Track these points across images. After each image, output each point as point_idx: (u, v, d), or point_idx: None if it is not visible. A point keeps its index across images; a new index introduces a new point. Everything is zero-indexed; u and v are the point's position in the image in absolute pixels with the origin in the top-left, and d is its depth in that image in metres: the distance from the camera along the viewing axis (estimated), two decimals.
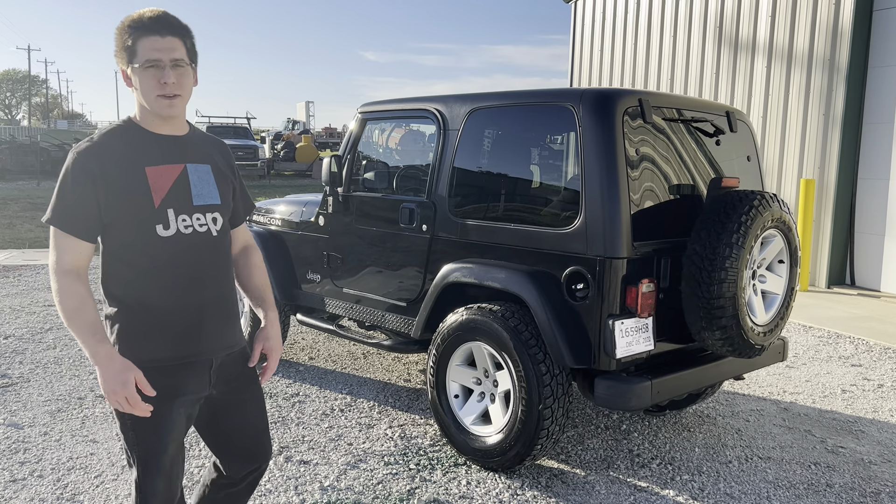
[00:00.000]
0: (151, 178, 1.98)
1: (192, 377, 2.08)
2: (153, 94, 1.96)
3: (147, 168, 1.98)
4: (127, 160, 1.97)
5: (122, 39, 1.97)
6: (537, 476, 3.62)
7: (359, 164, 4.65)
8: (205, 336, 2.08)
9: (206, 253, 2.08)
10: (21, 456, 3.70)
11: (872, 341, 6.33)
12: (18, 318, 6.41)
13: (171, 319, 2.02)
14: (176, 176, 2.03)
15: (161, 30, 1.95)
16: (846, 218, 8.60)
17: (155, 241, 1.98)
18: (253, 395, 2.27)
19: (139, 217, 1.97)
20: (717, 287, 3.25)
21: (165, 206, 1.99)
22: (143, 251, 1.99)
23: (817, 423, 4.48)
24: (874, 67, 8.36)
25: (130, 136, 2.02)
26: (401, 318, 4.26)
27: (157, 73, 1.94)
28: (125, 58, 1.97)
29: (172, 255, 2.01)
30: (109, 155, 1.96)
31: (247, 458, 2.29)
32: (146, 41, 1.94)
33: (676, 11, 10.87)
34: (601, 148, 3.31)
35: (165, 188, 2.00)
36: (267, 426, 2.33)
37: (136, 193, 1.96)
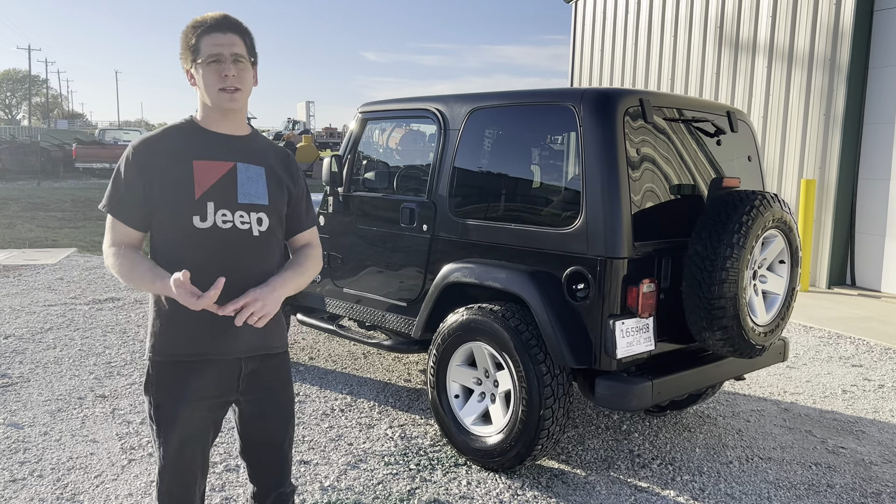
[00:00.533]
0: (197, 171, 2.04)
1: (216, 379, 2.08)
2: (215, 87, 2.03)
3: (195, 161, 2.05)
4: (176, 152, 2.05)
5: (186, 40, 2.06)
6: (538, 476, 3.61)
7: (359, 164, 4.65)
8: (230, 335, 2.05)
9: (244, 250, 2.08)
10: (21, 456, 3.69)
11: (873, 342, 6.32)
12: (18, 318, 6.41)
13: (197, 314, 2.00)
14: (223, 172, 2.07)
15: (222, 27, 2.04)
16: (847, 218, 8.60)
17: (190, 231, 2.02)
18: (280, 409, 2.23)
19: (178, 207, 2.02)
20: (717, 287, 3.25)
21: (206, 199, 2.03)
22: (179, 241, 2.04)
23: (818, 423, 4.48)
24: (875, 68, 8.36)
25: (186, 131, 2.10)
26: (401, 318, 4.25)
27: (218, 67, 2.02)
28: (189, 57, 2.06)
29: (206, 248, 2.03)
30: (160, 147, 2.05)
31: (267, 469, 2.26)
32: (209, 38, 2.03)
33: (677, 12, 10.87)
34: (602, 148, 3.31)
35: (209, 182, 2.04)
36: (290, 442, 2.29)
37: (179, 184, 2.02)
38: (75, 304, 6.99)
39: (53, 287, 7.71)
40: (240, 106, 2.08)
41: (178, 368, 2.05)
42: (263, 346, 2.15)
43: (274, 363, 2.18)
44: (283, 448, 2.26)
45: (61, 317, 6.49)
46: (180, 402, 2.04)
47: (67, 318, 6.44)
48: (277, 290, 2.07)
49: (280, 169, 2.19)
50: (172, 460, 2.10)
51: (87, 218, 13.86)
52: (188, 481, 2.13)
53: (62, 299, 7.16)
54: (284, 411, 2.24)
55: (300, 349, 5.72)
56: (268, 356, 2.16)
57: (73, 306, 6.88)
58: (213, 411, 2.12)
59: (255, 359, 2.13)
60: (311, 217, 2.34)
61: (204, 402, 2.08)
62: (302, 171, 2.35)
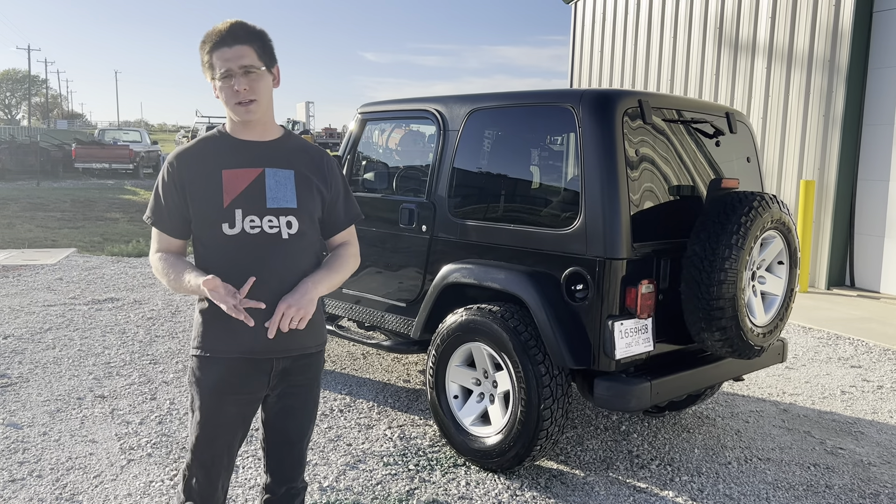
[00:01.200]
0: (226, 181, 2.10)
1: (250, 376, 2.15)
2: (231, 102, 2.08)
3: (224, 171, 2.11)
4: (207, 164, 2.12)
5: (202, 56, 2.11)
6: (536, 477, 3.62)
7: (359, 164, 4.66)
8: (264, 337, 2.09)
9: (273, 254, 2.12)
10: (20, 456, 3.69)
11: (872, 342, 6.33)
12: (18, 318, 6.41)
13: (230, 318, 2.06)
14: (251, 179, 2.12)
15: (229, 40, 2.06)
16: (846, 219, 8.60)
17: (221, 238, 2.09)
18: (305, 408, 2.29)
19: (209, 216, 2.10)
20: (716, 288, 3.25)
21: (234, 207, 2.09)
22: (211, 248, 2.12)
23: (817, 424, 4.48)
24: (874, 69, 8.36)
25: (216, 142, 2.17)
26: (400, 318, 4.26)
27: (230, 82, 2.06)
28: (209, 72, 2.11)
29: (236, 253, 2.09)
30: (192, 160, 2.14)
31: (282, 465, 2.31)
32: (218, 53, 2.06)
33: (676, 12, 10.87)
34: (601, 149, 3.31)
35: (238, 190, 2.10)
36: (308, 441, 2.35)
37: (209, 194, 2.09)
38: (74, 304, 6.99)
39: (53, 287, 7.71)
40: (258, 116, 2.12)
41: (215, 364, 2.12)
42: (299, 347, 2.19)
43: (306, 362, 2.23)
44: (300, 445, 2.33)
45: (60, 317, 6.49)
46: (213, 396, 2.13)
47: (67, 319, 6.44)
48: (310, 292, 2.11)
49: (311, 170, 2.21)
50: (201, 452, 2.19)
51: (87, 218, 13.87)
52: (213, 475, 2.22)
53: (61, 299, 7.16)
54: (308, 410, 2.31)
55: None
56: (302, 355, 2.21)
57: (73, 306, 6.88)
58: (242, 406, 2.18)
59: (289, 357, 2.18)
60: (350, 215, 2.35)
61: (234, 397, 2.15)
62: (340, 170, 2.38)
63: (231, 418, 2.18)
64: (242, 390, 2.16)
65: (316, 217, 2.22)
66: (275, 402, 2.24)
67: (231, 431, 2.20)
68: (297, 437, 2.31)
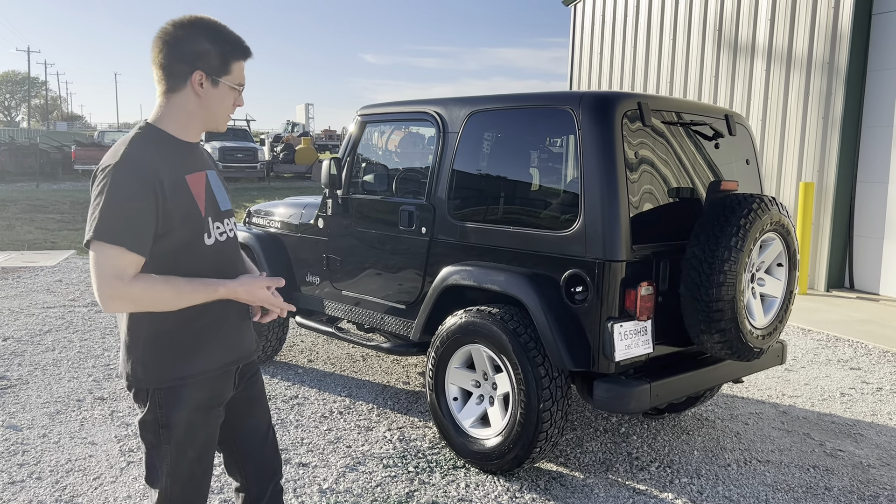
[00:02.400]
0: (192, 186, 1.96)
1: (227, 384, 2.10)
2: (226, 113, 2.01)
3: (186, 176, 1.95)
4: (171, 168, 1.92)
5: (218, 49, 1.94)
6: (536, 479, 3.62)
7: (358, 166, 4.66)
8: (243, 341, 2.11)
9: (235, 258, 2.11)
10: (20, 458, 3.69)
11: (871, 344, 6.33)
12: (17, 320, 6.41)
13: (219, 329, 2.02)
14: (204, 183, 2.02)
15: (248, 55, 2.02)
16: (845, 221, 8.61)
17: (202, 249, 1.97)
18: (261, 392, 2.28)
19: (191, 227, 1.94)
20: (715, 290, 3.26)
21: (207, 215, 1.99)
22: (193, 261, 1.95)
23: (816, 426, 4.48)
24: (873, 71, 8.37)
25: (165, 143, 1.95)
26: (400, 320, 4.26)
27: (235, 96, 2.01)
28: (214, 68, 1.94)
29: (216, 264, 2.01)
30: (161, 165, 1.89)
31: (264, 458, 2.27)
32: (240, 65, 2.00)
33: (676, 14, 10.89)
34: (600, 151, 3.31)
35: (203, 196, 1.98)
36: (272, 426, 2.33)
37: (187, 203, 1.93)
38: (74, 306, 6.99)
39: (52, 289, 7.71)
40: None
41: (202, 386, 2.00)
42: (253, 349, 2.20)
43: None
44: (272, 430, 2.30)
45: (60, 319, 6.49)
46: (198, 415, 2.00)
47: (66, 321, 6.44)
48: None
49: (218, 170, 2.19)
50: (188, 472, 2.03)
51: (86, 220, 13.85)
52: (203, 489, 2.10)
53: (61, 301, 7.16)
54: (264, 394, 2.29)
55: (299, 351, 5.72)
56: None
57: (72, 308, 6.88)
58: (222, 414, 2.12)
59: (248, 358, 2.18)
60: None
61: (220, 409, 2.08)
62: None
63: (215, 430, 2.09)
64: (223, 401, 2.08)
65: None
66: (242, 396, 2.18)
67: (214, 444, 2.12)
68: (265, 425, 2.27)
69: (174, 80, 1.94)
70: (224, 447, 2.24)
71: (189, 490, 2.05)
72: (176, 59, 1.92)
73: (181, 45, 1.92)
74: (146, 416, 1.99)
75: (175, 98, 1.96)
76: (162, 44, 1.93)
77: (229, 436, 2.21)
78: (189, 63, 1.92)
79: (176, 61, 1.92)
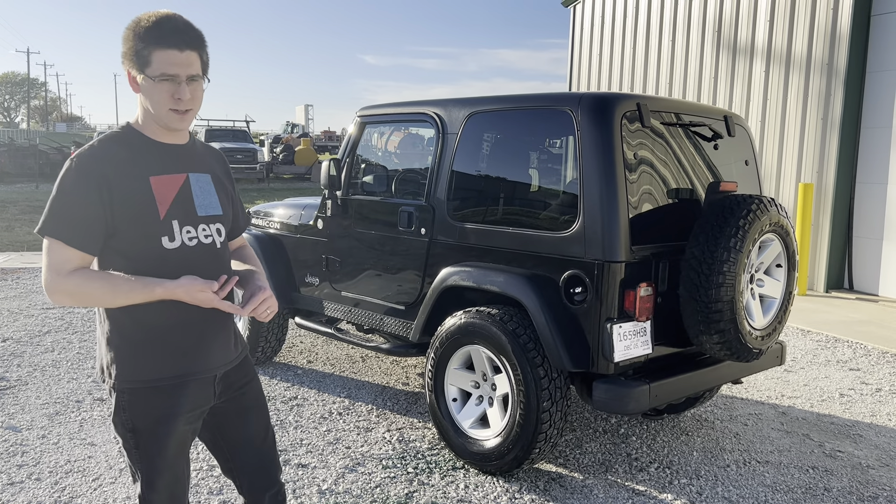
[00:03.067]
0: (156, 188, 1.91)
1: (196, 393, 2.01)
2: (165, 107, 1.89)
3: (151, 177, 1.91)
4: (132, 168, 1.88)
5: (134, 44, 1.86)
6: (535, 480, 3.62)
7: (358, 167, 4.66)
8: (209, 352, 2.02)
9: (211, 265, 2.01)
10: (19, 459, 3.69)
11: (870, 345, 6.33)
12: (17, 321, 6.41)
13: (173, 336, 1.96)
14: (179, 186, 1.96)
15: (180, 43, 1.85)
16: (844, 222, 8.61)
17: (160, 253, 1.91)
18: (257, 402, 2.20)
19: (145, 229, 1.89)
20: (715, 291, 3.26)
21: (170, 218, 1.92)
22: (146, 265, 1.90)
23: (815, 426, 4.48)
24: (872, 72, 8.38)
25: (133, 143, 1.93)
26: (399, 321, 4.26)
27: (171, 87, 1.87)
28: (135, 64, 1.87)
29: (177, 269, 1.92)
30: (115, 162, 1.87)
31: (258, 471, 2.21)
32: (163, 54, 1.84)
33: (675, 15, 10.89)
34: (599, 152, 3.32)
35: (169, 199, 1.93)
36: (273, 437, 2.25)
37: (141, 204, 1.88)
38: (73, 307, 6.99)
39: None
40: (189, 125, 1.97)
41: (153, 392, 1.94)
42: (235, 355, 2.13)
43: (239, 362, 2.16)
44: (268, 441, 2.23)
45: (59, 320, 6.49)
46: (161, 424, 1.95)
47: (66, 322, 6.43)
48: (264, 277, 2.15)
49: (221, 173, 2.13)
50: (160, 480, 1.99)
51: None
52: (178, 493, 2.06)
53: None
54: (260, 403, 2.21)
55: (298, 352, 5.72)
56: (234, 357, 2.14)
57: (72, 309, 6.88)
58: (192, 423, 2.04)
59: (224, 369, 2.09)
60: (248, 218, 2.32)
61: (183, 417, 2.00)
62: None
63: (183, 438, 2.02)
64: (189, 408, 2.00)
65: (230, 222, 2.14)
66: (230, 407, 2.13)
67: (187, 449, 2.06)
68: (262, 433, 2.20)
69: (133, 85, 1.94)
70: (218, 455, 2.21)
71: (164, 497, 2.02)
72: (123, 62, 1.92)
73: (122, 47, 1.91)
74: (115, 418, 1.99)
75: (139, 98, 1.95)
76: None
77: (221, 445, 2.18)
78: (126, 64, 1.90)
79: (123, 63, 1.92)
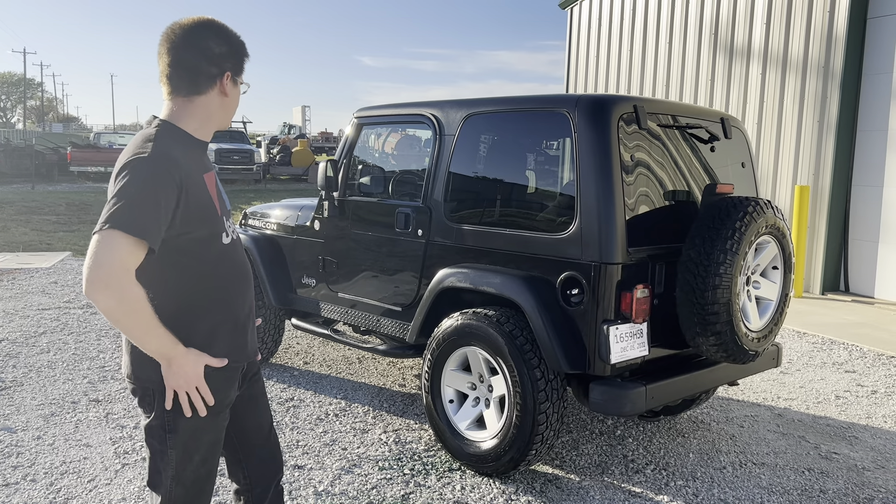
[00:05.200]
0: (209, 186, 1.97)
1: (232, 386, 2.07)
2: (232, 114, 2.08)
3: (203, 175, 1.97)
4: (193, 167, 1.93)
5: (237, 49, 2.02)
6: (532, 481, 3.62)
7: (355, 168, 4.66)
8: (247, 341, 2.11)
9: (244, 257, 2.13)
10: (14, 460, 3.68)
11: (866, 347, 6.35)
12: (12, 322, 6.39)
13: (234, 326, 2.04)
14: (215, 182, 2.03)
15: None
16: (840, 224, 8.63)
17: (220, 249, 1.99)
18: (262, 391, 2.28)
19: (211, 227, 1.96)
20: (711, 293, 3.26)
21: (222, 214, 2.01)
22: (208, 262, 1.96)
23: (811, 428, 4.49)
24: (868, 75, 8.41)
25: (186, 143, 1.96)
26: (396, 322, 4.26)
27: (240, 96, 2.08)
28: (238, 67, 2.03)
29: (233, 264, 2.03)
30: (182, 161, 1.89)
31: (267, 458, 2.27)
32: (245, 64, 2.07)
33: (672, 17, 10.92)
34: (596, 154, 3.32)
35: (216, 195, 2.00)
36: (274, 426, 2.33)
37: (206, 202, 1.94)
38: (69, 308, 6.97)
39: (47, 291, 7.69)
40: None
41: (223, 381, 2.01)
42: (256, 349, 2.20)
43: None
44: (272, 429, 2.30)
45: (55, 321, 6.48)
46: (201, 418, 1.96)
47: (61, 322, 6.42)
48: None
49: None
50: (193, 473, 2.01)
51: (82, 222, 13.83)
52: (207, 492, 2.08)
53: (56, 303, 7.14)
54: (264, 391, 2.30)
55: (294, 353, 5.71)
56: None
57: (67, 310, 6.87)
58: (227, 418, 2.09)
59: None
60: None
61: (222, 413, 2.05)
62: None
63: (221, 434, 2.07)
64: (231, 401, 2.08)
65: None
66: (245, 395, 2.17)
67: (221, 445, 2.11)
68: (268, 423, 2.29)
69: (201, 81, 1.96)
70: (227, 447, 2.22)
71: (193, 493, 2.03)
72: (203, 61, 1.95)
73: (207, 48, 1.95)
74: (153, 422, 1.96)
75: (200, 99, 1.98)
76: (186, 45, 1.94)
77: (232, 435, 2.20)
78: (217, 65, 1.97)
79: (204, 63, 1.95)
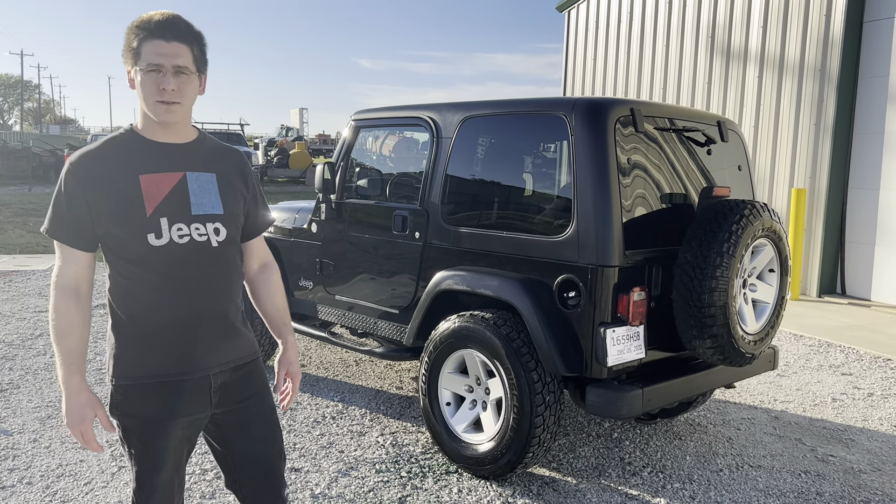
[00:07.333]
0: (145, 186, 1.92)
1: (188, 397, 1.99)
2: (152, 98, 1.91)
3: (141, 176, 1.92)
4: (121, 168, 1.92)
5: (128, 40, 1.92)
6: (529, 484, 3.62)
7: (352, 171, 4.66)
8: (199, 352, 1.99)
9: (204, 264, 1.99)
10: (10, 463, 3.67)
11: (863, 350, 6.36)
12: (9, 324, 6.38)
13: (163, 334, 1.95)
14: (173, 184, 1.95)
15: (167, 34, 1.90)
16: (837, 227, 8.65)
17: (147, 250, 1.92)
18: (259, 418, 2.14)
19: (131, 226, 1.91)
20: (707, 296, 3.27)
21: (158, 215, 1.92)
22: (136, 261, 1.93)
23: (808, 431, 4.49)
24: (864, 78, 8.43)
25: (128, 144, 1.97)
26: (393, 325, 4.26)
27: (157, 77, 1.89)
28: (130, 59, 1.93)
29: (166, 266, 1.93)
30: (103, 163, 1.92)
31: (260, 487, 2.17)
32: (150, 44, 1.89)
33: (669, 20, 10.94)
34: (593, 156, 3.33)
35: (160, 196, 1.93)
36: (279, 454, 2.20)
37: (128, 202, 1.90)
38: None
39: (44, 293, 7.68)
40: (178, 118, 1.97)
41: (143, 391, 1.96)
42: (232, 358, 2.07)
43: (246, 371, 2.11)
44: (271, 461, 2.17)
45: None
46: (149, 425, 1.96)
47: None
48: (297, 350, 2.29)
49: (232, 173, 2.10)
50: (148, 483, 2.00)
51: None
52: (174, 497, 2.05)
53: None
54: (264, 422, 2.15)
55: None
56: (237, 367, 2.08)
57: None
58: (185, 429, 2.02)
59: (225, 371, 2.05)
60: (267, 220, 2.25)
61: (175, 422, 1.98)
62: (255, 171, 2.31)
63: (174, 445, 2.01)
64: (181, 413, 1.98)
65: (240, 223, 2.10)
66: (228, 420, 2.09)
67: (178, 458, 2.04)
68: (264, 452, 2.15)
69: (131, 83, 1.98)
70: (223, 467, 2.19)
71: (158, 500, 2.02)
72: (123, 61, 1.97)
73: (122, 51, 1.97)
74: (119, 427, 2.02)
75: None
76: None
77: (226, 457, 2.16)
78: (124, 62, 1.96)
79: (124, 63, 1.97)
